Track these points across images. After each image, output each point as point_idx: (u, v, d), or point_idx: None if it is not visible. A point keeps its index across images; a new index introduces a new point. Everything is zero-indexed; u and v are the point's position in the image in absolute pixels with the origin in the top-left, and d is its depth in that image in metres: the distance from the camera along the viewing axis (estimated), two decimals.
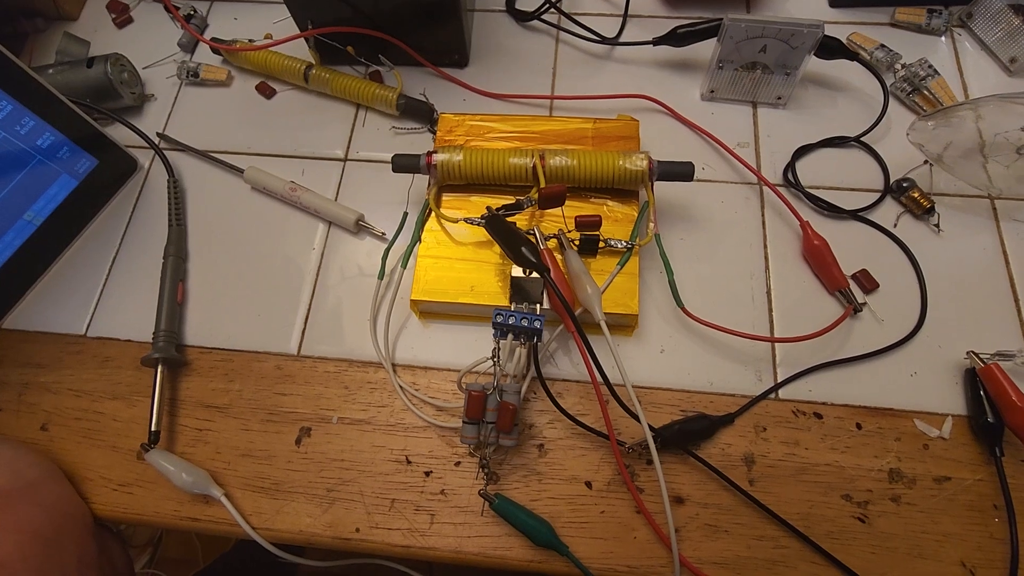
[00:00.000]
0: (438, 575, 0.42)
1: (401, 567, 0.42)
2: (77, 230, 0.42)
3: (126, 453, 0.37)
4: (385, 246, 0.40)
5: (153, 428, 0.35)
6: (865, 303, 0.37)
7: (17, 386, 0.39)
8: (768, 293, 0.38)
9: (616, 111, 0.43)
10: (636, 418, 0.32)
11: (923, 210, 0.39)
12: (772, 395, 0.36)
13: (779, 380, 0.36)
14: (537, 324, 0.32)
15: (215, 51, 0.47)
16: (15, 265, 0.39)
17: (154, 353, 0.37)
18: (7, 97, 0.34)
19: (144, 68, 0.48)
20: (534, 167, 0.37)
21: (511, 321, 0.32)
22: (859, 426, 0.35)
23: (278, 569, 1.13)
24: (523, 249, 0.31)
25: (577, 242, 0.36)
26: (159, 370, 0.37)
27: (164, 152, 0.45)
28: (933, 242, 0.39)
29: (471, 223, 0.36)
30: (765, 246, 0.40)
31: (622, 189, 0.38)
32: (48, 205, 0.40)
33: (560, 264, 0.36)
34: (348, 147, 0.45)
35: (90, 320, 0.40)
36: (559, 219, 0.38)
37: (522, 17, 0.48)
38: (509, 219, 0.35)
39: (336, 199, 0.43)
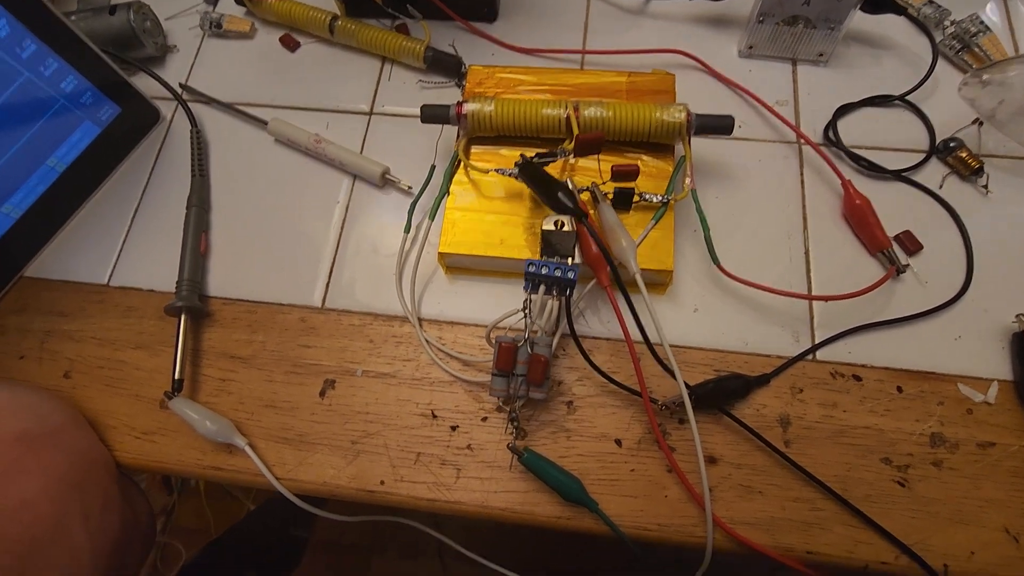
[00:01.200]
0: (446, 531, 0.41)
1: (411, 522, 0.41)
2: (99, 179, 0.42)
3: (149, 402, 0.36)
4: (411, 200, 0.39)
5: (177, 376, 0.35)
6: (908, 265, 0.36)
7: (40, 334, 0.39)
8: (806, 254, 0.37)
9: (650, 67, 0.42)
10: (672, 374, 0.31)
11: (971, 171, 0.37)
12: (809, 356, 0.35)
13: (817, 341, 0.35)
14: (571, 275, 0.31)
15: (238, 1, 0.46)
16: (38, 212, 0.39)
17: (177, 302, 0.36)
18: (32, 36, 0.34)
19: (166, 19, 0.47)
20: (568, 118, 0.36)
21: (544, 271, 0.31)
22: (900, 389, 0.34)
23: (288, 540, 1.14)
24: (560, 194, 0.30)
25: (611, 195, 0.35)
26: (182, 319, 0.36)
27: (187, 103, 0.44)
28: (981, 204, 0.37)
29: (503, 174, 0.35)
30: (804, 206, 0.38)
31: (658, 143, 0.37)
32: (71, 152, 0.39)
33: (593, 217, 0.35)
34: (374, 101, 0.44)
35: (112, 270, 0.40)
36: (592, 173, 0.37)
37: None
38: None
39: (361, 153, 0.42)
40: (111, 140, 0.41)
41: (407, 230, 0.38)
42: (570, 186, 0.34)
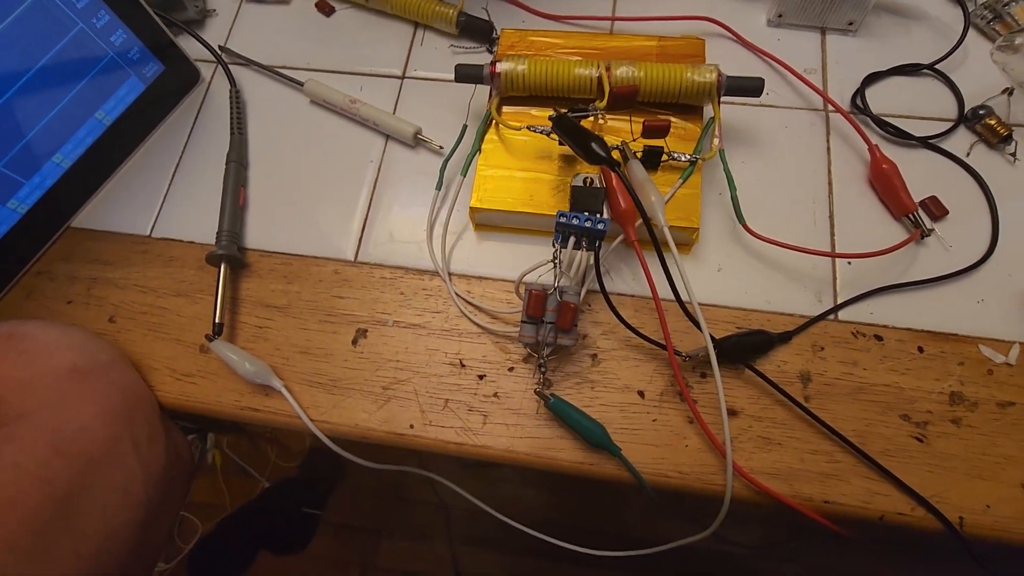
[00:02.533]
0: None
1: (431, 474, 0.42)
2: (142, 134, 0.43)
3: (189, 346, 0.38)
4: (442, 159, 0.40)
5: (217, 320, 0.36)
6: (933, 229, 0.36)
7: (86, 281, 0.40)
8: (831, 217, 0.38)
9: (679, 34, 0.42)
10: (697, 325, 0.32)
11: (999, 139, 0.38)
12: (831, 316, 0.35)
13: (839, 301, 0.35)
14: (601, 226, 0.32)
15: None
16: (85, 164, 0.40)
17: (218, 250, 0.38)
18: None
19: None
20: (599, 78, 0.36)
21: (575, 222, 0.32)
22: (921, 349, 0.34)
23: (301, 518, 1.16)
24: (593, 145, 0.31)
25: (640, 154, 0.36)
26: (222, 267, 0.37)
27: (227, 64, 0.45)
28: (1008, 172, 0.38)
29: (535, 131, 0.36)
30: (829, 171, 0.39)
31: (687, 105, 0.38)
32: (118, 106, 0.40)
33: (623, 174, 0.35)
34: (406, 65, 0.45)
35: (155, 221, 0.42)
36: (622, 133, 0.37)
37: None
38: None
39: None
40: (154, 97, 0.42)
41: (438, 187, 0.39)
42: None
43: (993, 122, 0.38)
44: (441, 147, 0.41)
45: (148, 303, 0.39)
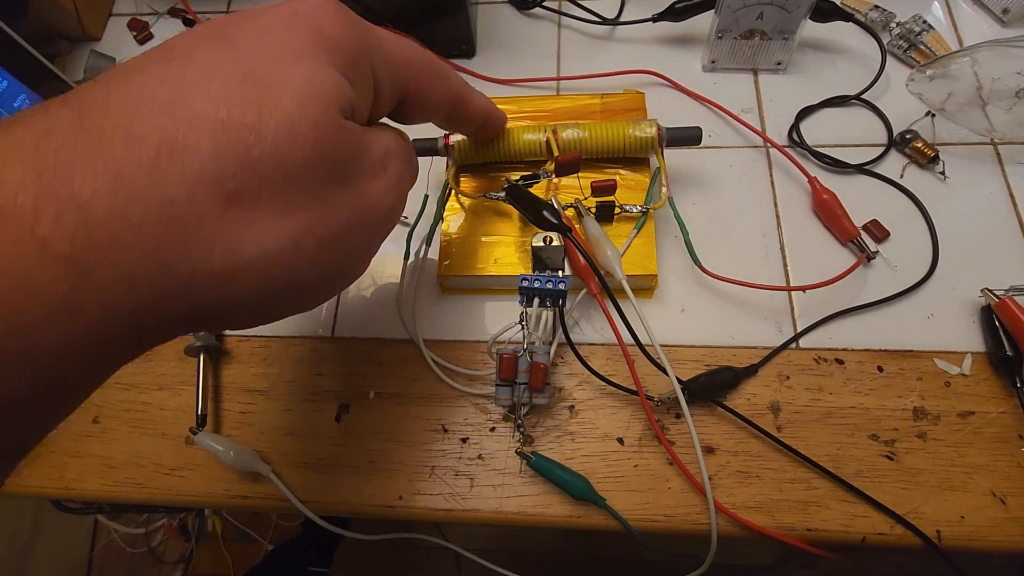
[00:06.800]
0: (453, 539, 0.43)
1: (428, 538, 0.42)
2: None
3: (174, 439, 0.38)
4: (408, 230, 0.42)
5: (200, 412, 0.37)
6: (878, 251, 0.38)
7: None
8: (782, 249, 0.39)
9: (621, 88, 0.45)
10: (664, 371, 0.33)
11: (928, 159, 0.40)
12: (793, 345, 0.37)
13: (799, 330, 0.37)
14: (561, 286, 0.33)
15: None
16: None
17: (196, 342, 0.38)
18: (27, 91, 0.37)
19: None
20: (547, 141, 0.38)
21: (536, 285, 0.33)
22: (880, 369, 0.36)
23: None
24: (544, 212, 0.32)
25: (594, 210, 0.38)
26: (201, 358, 0.38)
27: None
28: (940, 189, 0.40)
29: (491, 198, 0.38)
30: (775, 205, 0.41)
31: (633, 157, 0.40)
32: None
33: (579, 231, 0.37)
34: None
35: None
36: (575, 190, 0.39)
37: (524, 5, 0.50)
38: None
39: None
40: None
41: (406, 257, 0.41)
42: (555, 204, 0.37)
43: (920, 145, 0.40)
44: (406, 217, 0.43)
45: (131, 399, 0.40)
